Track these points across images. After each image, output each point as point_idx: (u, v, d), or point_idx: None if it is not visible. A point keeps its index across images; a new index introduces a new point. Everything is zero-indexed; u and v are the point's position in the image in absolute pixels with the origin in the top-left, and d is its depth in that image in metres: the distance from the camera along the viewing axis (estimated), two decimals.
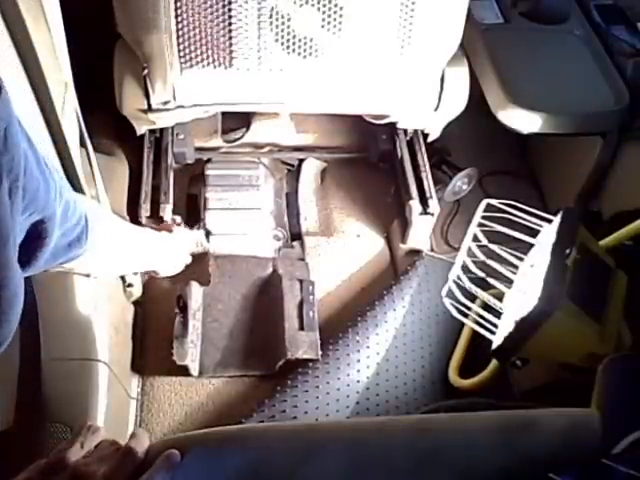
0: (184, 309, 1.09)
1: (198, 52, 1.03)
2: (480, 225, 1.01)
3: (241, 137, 1.36)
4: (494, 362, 1.05)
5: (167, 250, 1.06)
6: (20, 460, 0.53)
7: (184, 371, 1.06)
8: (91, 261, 0.70)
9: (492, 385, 1.06)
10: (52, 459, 0.52)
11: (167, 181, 1.20)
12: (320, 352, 1.08)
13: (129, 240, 0.89)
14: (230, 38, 1.02)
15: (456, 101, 1.16)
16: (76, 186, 0.85)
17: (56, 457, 0.52)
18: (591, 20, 1.25)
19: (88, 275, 0.87)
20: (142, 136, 1.22)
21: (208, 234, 1.24)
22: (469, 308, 0.97)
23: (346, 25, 1.01)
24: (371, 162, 1.40)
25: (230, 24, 1.00)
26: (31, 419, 0.88)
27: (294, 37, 1.02)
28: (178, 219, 1.17)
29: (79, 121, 0.86)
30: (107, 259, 0.80)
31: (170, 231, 1.08)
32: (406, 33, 1.03)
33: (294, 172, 1.38)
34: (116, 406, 0.97)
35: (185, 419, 1.06)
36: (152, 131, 1.24)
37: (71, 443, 0.54)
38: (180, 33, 1.00)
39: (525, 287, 0.91)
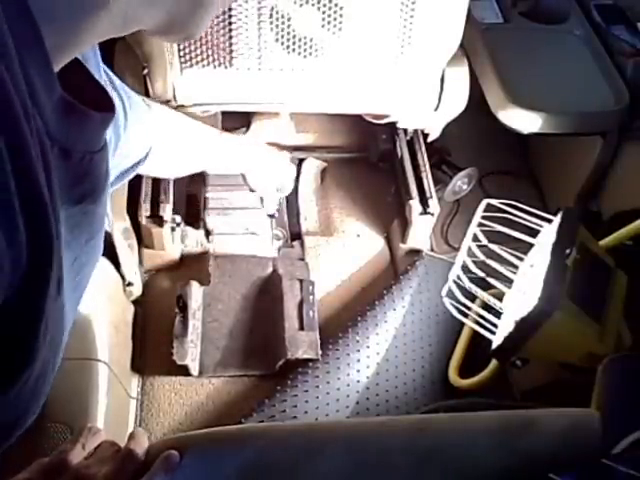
0: (184, 309, 1.09)
1: (198, 52, 1.03)
2: (480, 225, 1.01)
3: None
4: (494, 362, 1.05)
5: (257, 162, 1.18)
6: (20, 460, 0.53)
7: (184, 371, 1.06)
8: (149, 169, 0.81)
9: (492, 385, 1.06)
10: (54, 460, 0.52)
11: (167, 180, 1.20)
12: (320, 352, 1.08)
13: (200, 149, 1.01)
14: (230, 38, 1.02)
15: (456, 101, 1.16)
16: None
17: (58, 459, 0.52)
18: (591, 20, 1.25)
19: None
20: None
21: (208, 234, 1.24)
22: (469, 308, 0.97)
23: (346, 25, 1.01)
24: (371, 162, 1.40)
25: (230, 24, 1.00)
26: None
27: (294, 37, 1.02)
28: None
29: None
30: (170, 165, 0.95)
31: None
32: (406, 33, 1.03)
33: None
34: (116, 406, 0.97)
35: (185, 419, 1.06)
36: None
37: (72, 445, 0.54)
38: None
39: (525, 287, 0.91)
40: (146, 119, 0.67)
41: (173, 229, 1.18)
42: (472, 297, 0.98)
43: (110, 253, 1.02)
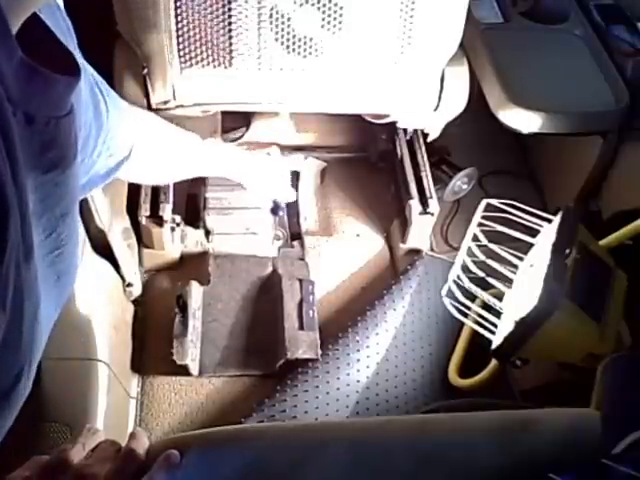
0: (184, 308, 1.09)
1: (198, 52, 1.03)
2: (480, 225, 1.01)
3: (241, 137, 1.36)
4: (494, 362, 1.05)
5: (248, 166, 1.14)
6: (20, 460, 0.53)
7: (184, 371, 1.06)
8: (133, 173, 0.79)
9: (492, 385, 1.06)
10: (54, 459, 0.52)
11: None
12: (320, 352, 1.08)
13: (182, 154, 0.96)
14: (230, 38, 1.01)
15: (456, 101, 1.16)
16: None
17: (58, 458, 0.52)
18: (591, 20, 1.25)
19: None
20: None
21: (208, 234, 1.24)
22: (469, 308, 0.97)
23: (346, 25, 1.01)
24: (371, 162, 1.40)
25: (230, 24, 1.00)
26: (31, 419, 0.88)
27: (294, 37, 1.02)
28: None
29: None
30: (152, 169, 0.89)
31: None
32: (406, 33, 1.03)
33: (294, 172, 1.38)
34: (116, 406, 0.97)
35: (185, 418, 1.06)
36: None
37: (72, 444, 0.54)
38: (180, 33, 1.00)
39: (525, 287, 0.91)
40: (127, 115, 0.68)
41: (173, 229, 1.18)
42: (472, 297, 0.98)
43: (109, 254, 1.02)
